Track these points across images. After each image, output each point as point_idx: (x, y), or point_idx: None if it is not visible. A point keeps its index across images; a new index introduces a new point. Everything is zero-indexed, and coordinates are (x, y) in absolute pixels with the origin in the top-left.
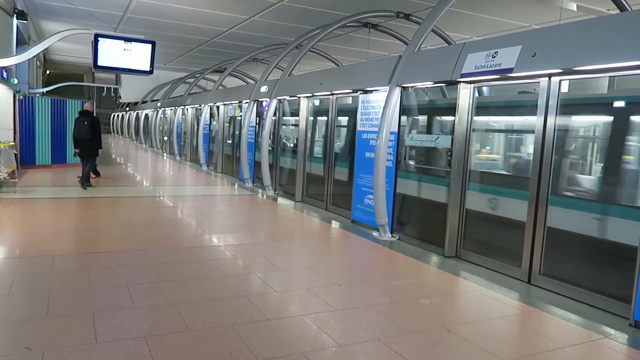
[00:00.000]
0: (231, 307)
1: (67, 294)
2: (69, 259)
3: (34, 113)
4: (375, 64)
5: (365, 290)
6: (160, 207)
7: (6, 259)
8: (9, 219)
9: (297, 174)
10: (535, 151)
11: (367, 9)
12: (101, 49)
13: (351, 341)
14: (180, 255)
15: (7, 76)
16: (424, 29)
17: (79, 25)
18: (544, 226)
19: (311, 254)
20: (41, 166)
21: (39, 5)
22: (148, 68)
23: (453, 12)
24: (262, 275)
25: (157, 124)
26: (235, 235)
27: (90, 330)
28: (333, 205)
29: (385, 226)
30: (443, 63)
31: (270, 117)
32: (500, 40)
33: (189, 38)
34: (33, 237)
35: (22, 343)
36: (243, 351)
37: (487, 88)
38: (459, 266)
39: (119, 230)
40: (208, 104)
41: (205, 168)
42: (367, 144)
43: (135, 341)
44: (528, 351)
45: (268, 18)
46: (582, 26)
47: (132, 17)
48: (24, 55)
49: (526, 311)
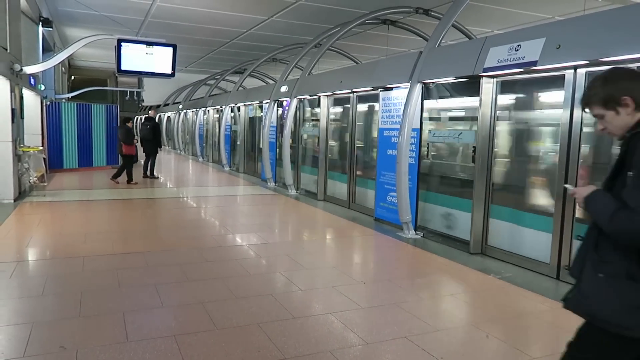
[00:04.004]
0: (257, 306)
1: (98, 294)
2: (99, 259)
3: (60, 118)
4: (395, 61)
5: (391, 288)
6: (184, 208)
7: (39, 261)
8: (39, 222)
9: (319, 172)
10: (562, 145)
11: (386, 5)
12: (124, 53)
13: (378, 339)
14: (206, 255)
15: (35, 83)
16: (444, 24)
17: (102, 31)
18: (572, 221)
19: (335, 252)
20: (68, 170)
21: (63, 13)
22: (170, 71)
23: (473, 5)
24: (286, 273)
25: (180, 126)
26: (258, 235)
27: (121, 329)
28: (355, 204)
29: (409, 223)
30: (465, 58)
31: (290, 117)
32: (523, 32)
33: (208, 40)
34: (63, 239)
35: (56, 342)
36: (270, 349)
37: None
38: (485, 263)
39: (146, 231)
40: (229, 105)
41: (227, 168)
42: (389, 141)
43: (165, 340)
44: (558, 348)
45: (286, 18)
46: (609, 16)
47: (153, 21)
48: (50, 62)
49: (555, 308)
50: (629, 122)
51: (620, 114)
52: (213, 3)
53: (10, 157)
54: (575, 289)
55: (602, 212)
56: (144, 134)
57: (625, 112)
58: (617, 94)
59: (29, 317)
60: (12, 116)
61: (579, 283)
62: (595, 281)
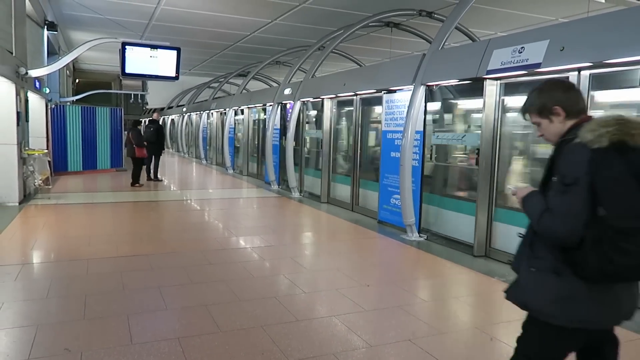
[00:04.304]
0: (261, 308)
1: (102, 296)
2: (103, 262)
3: (65, 121)
4: (398, 63)
5: (394, 291)
6: (188, 211)
7: (43, 263)
8: (44, 224)
9: (322, 175)
10: None
11: (389, 8)
12: (128, 56)
13: (382, 342)
14: (210, 258)
15: (40, 86)
16: (448, 26)
17: (106, 34)
18: None
19: (338, 254)
20: (73, 172)
21: (68, 16)
22: (174, 74)
23: (476, 8)
24: (290, 276)
25: (183, 128)
26: (262, 237)
27: (125, 331)
28: (359, 206)
29: (413, 226)
30: (468, 60)
31: (294, 119)
32: (526, 35)
33: (212, 43)
34: (68, 242)
35: (61, 344)
36: (274, 352)
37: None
38: (489, 265)
39: (150, 234)
40: (232, 107)
41: (231, 171)
42: (392, 143)
43: (169, 342)
44: None
45: (290, 21)
46: (613, 18)
47: (157, 24)
48: (55, 65)
49: None
50: (562, 130)
51: (554, 122)
52: (217, 6)
53: (15, 160)
54: (514, 282)
55: (533, 213)
56: (147, 137)
57: (558, 121)
58: (550, 103)
59: (34, 319)
60: (17, 119)
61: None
62: (528, 274)
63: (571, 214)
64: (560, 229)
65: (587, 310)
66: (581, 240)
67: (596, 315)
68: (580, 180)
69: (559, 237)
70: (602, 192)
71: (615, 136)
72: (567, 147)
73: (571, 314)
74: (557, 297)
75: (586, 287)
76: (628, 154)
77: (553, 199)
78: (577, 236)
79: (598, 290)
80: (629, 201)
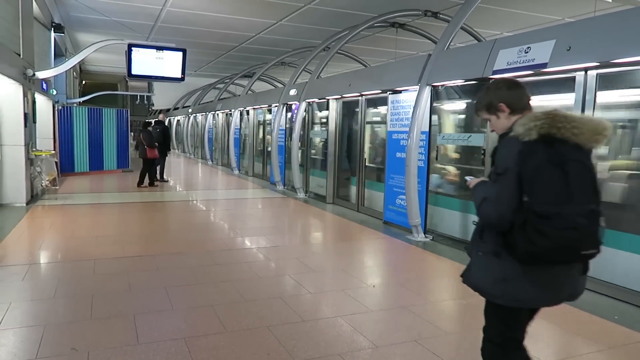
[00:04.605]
0: (267, 309)
1: (109, 296)
2: (110, 262)
3: (72, 122)
4: (404, 64)
5: (400, 291)
6: (194, 211)
7: (50, 263)
8: (51, 225)
9: (328, 175)
10: None
11: (394, 8)
12: (134, 58)
13: (388, 342)
14: (215, 258)
15: (47, 87)
16: (453, 26)
17: (113, 36)
18: None
19: (344, 255)
20: (80, 173)
21: (75, 18)
22: (179, 75)
23: (482, 8)
24: (295, 277)
25: (189, 129)
26: (268, 238)
27: (132, 331)
28: (364, 207)
29: (418, 227)
30: (474, 60)
31: (299, 120)
32: (532, 34)
33: (218, 44)
34: (74, 242)
35: (68, 344)
36: (280, 352)
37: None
38: None
39: (156, 234)
40: (238, 108)
41: (236, 172)
42: (398, 144)
43: (175, 342)
44: (570, 353)
45: (295, 22)
46: (620, 17)
47: (162, 26)
48: (62, 67)
49: (566, 311)
50: (507, 125)
51: (500, 117)
52: (222, 8)
53: (23, 161)
54: (468, 266)
55: (476, 201)
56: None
57: (504, 116)
58: (495, 101)
59: (41, 319)
60: (24, 121)
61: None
62: (476, 258)
63: (501, 201)
64: (493, 214)
65: (523, 290)
66: (512, 225)
67: (531, 295)
68: (509, 170)
69: (492, 221)
70: (526, 180)
71: (543, 129)
72: (503, 140)
73: (509, 293)
74: (497, 278)
75: (521, 269)
76: (554, 146)
77: (490, 188)
78: (507, 221)
79: (533, 271)
80: (549, 189)
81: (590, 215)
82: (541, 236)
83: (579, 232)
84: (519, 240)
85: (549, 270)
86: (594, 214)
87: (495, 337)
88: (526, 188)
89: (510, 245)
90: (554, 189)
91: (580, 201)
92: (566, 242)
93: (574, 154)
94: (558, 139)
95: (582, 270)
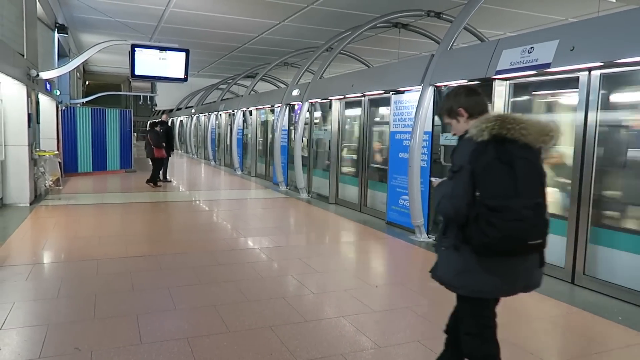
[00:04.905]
0: (269, 309)
1: (112, 296)
2: (113, 262)
3: (75, 123)
4: (406, 64)
5: (403, 292)
6: (197, 211)
7: (54, 263)
8: (54, 225)
9: (331, 176)
10: (576, 148)
11: (397, 9)
12: (138, 58)
13: (390, 343)
14: (218, 258)
15: (50, 88)
16: (456, 26)
17: (116, 37)
18: (587, 224)
19: (347, 255)
20: (83, 173)
21: (78, 19)
22: (183, 75)
23: (485, 8)
24: (298, 277)
25: (192, 130)
26: (270, 238)
27: (134, 331)
28: (367, 207)
29: (421, 227)
30: (477, 60)
31: (302, 121)
32: (536, 35)
33: (221, 45)
34: (78, 242)
35: (71, 344)
36: (283, 352)
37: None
38: None
39: (159, 234)
40: (241, 109)
41: (239, 172)
42: (401, 144)
43: (178, 342)
44: (573, 353)
45: (298, 22)
46: (624, 17)
47: (166, 26)
48: (65, 68)
49: (570, 312)
50: (466, 127)
51: (460, 121)
52: (225, 8)
53: (26, 161)
54: (435, 262)
55: (436, 197)
56: None
57: (462, 120)
58: (455, 106)
59: (45, 319)
60: (28, 121)
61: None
62: (440, 253)
63: (456, 196)
64: (449, 209)
65: (480, 281)
66: (468, 218)
67: (488, 286)
68: (463, 168)
69: (449, 216)
70: (478, 176)
71: (494, 130)
72: (461, 141)
73: (468, 285)
74: (457, 270)
75: (477, 260)
76: (504, 145)
77: (447, 185)
78: (462, 215)
79: (489, 263)
80: (498, 184)
81: (535, 208)
82: (492, 227)
83: (525, 223)
84: (473, 233)
85: (504, 262)
86: (539, 207)
87: (471, 328)
88: (478, 184)
89: (467, 239)
90: (502, 184)
91: (526, 195)
92: (514, 233)
93: (522, 153)
94: (509, 139)
95: (538, 264)
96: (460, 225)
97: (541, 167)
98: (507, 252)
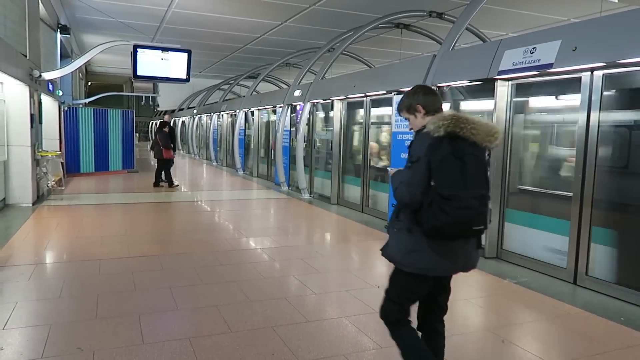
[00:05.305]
0: (271, 309)
1: (114, 296)
2: (115, 262)
3: (77, 123)
4: (408, 64)
5: None
6: (199, 212)
7: (56, 263)
8: (57, 225)
9: (332, 176)
10: (578, 148)
11: (399, 9)
12: (140, 59)
13: (392, 343)
14: (220, 259)
15: (53, 88)
16: (458, 27)
17: (118, 38)
18: (590, 224)
19: (348, 256)
20: (85, 174)
21: (81, 20)
22: (185, 76)
23: (487, 8)
24: (300, 277)
25: (194, 130)
26: (272, 238)
27: (137, 331)
28: (369, 207)
29: None
30: (479, 61)
31: (304, 121)
32: (538, 35)
33: (223, 45)
34: (80, 242)
35: (73, 343)
36: (285, 352)
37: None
38: (500, 267)
39: (161, 235)
40: (243, 109)
41: (241, 173)
42: (403, 144)
43: (180, 342)
44: (575, 354)
45: (300, 23)
46: (626, 17)
47: (168, 27)
48: (67, 68)
49: (572, 313)
50: (423, 123)
51: (417, 117)
52: (227, 9)
53: (29, 162)
54: (386, 242)
55: (394, 184)
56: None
57: (420, 116)
58: (414, 103)
59: (47, 318)
60: (31, 121)
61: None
62: (392, 234)
63: (413, 184)
64: (406, 195)
65: (428, 260)
66: (421, 204)
67: (434, 265)
68: (421, 159)
69: (405, 201)
70: (433, 168)
71: (449, 128)
72: (418, 135)
73: (416, 262)
74: (408, 250)
75: (427, 242)
76: (457, 142)
77: (405, 174)
78: (417, 201)
79: (436, 244)
80: (450, 176)
81: (480, 198)
82: (443, 213)
83: (471, 211)
84: (426, 217)
85: (448, 244)
86: (483, 198)
87: (396, 297)
88: (433, 174)
89: (419, 222)
90: (454, 176)
91: (473, 187)
92: (461, 219)
93: (471, 149)
94: (460, 136)
95: (476, 246)
96: (413, 210)
97: (486, 163)
98: (454, 235)
